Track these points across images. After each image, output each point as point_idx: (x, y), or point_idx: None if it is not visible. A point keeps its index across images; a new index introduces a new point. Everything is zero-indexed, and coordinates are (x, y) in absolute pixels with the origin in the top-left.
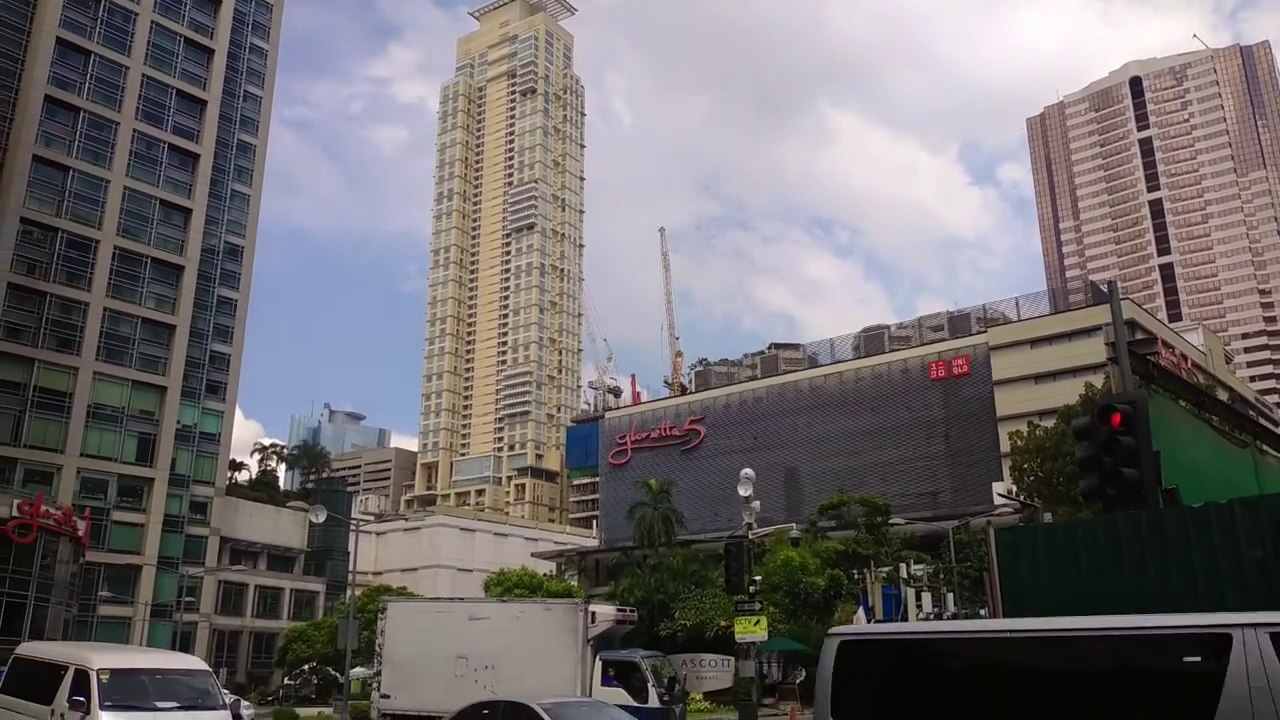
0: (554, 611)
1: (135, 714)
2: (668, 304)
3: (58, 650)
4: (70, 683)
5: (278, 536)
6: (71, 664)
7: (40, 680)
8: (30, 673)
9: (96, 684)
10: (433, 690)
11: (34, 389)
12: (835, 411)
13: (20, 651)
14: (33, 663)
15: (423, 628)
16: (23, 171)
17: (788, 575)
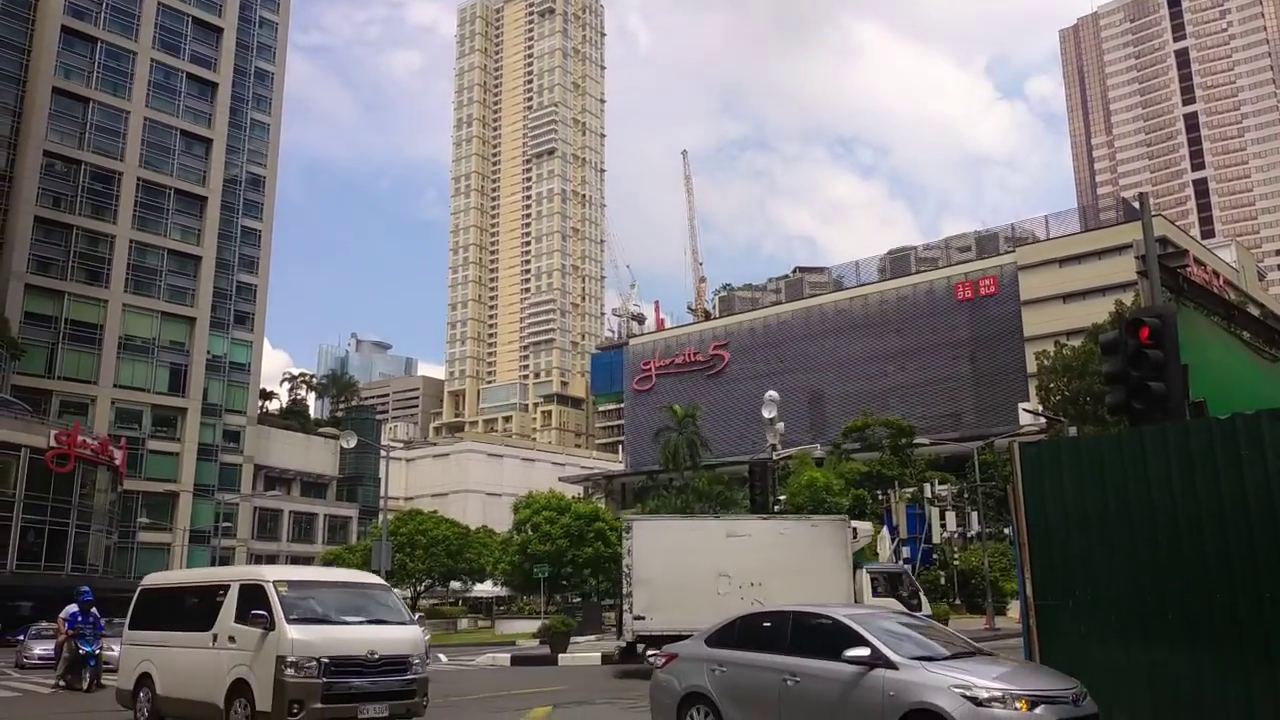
0: (820, 528)
1: (324, 628)
2: (691, 229)
3: (204, 573)
4: (236, 601)
5: (310, 464)
6: (235, 581)
7: (187, 607)
8: (171, 601)
9: (276, 597)
10: (693, 610)
11: (65, 322)
12: (860, 334)
13: (150, 582)
14: (171, 590)
15: (675, 546)
16: (43, 104)
17: (812, 496)
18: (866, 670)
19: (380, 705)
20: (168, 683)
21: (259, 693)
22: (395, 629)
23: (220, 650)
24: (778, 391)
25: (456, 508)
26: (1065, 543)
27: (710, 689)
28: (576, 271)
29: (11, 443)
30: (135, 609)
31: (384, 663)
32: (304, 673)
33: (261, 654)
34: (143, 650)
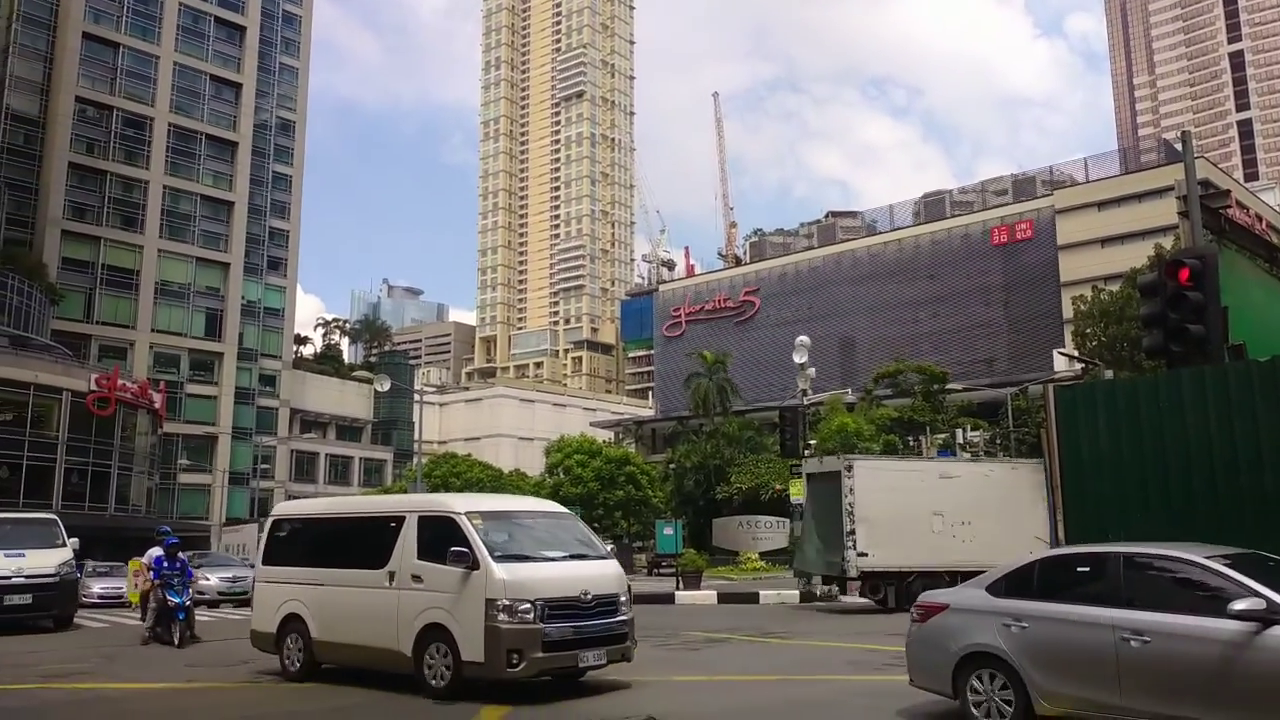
0: (1020, 470)
1: (533, 566)
2: (721, 173)
3: (363, 503)
4: (416, 534)
5: (344, 408)
6: (410, 511)
7: (347, 540)
8: (321, 534)
9: (474, 531)
10: (911, 547)
11: (102, 267)
12: (893, 280)
13: (285, 512)
14: (319, 521)
15: (893, 486)
16: (73, 50)
17: (842, 441)
18: (1261, 628)
19: (598, 651)
20: (328, 626)
21: (464, 641)
22: (601, 565)
23: (401, 591)
24: (808, 337)
25: (489, 452)
26: (1099, 486)
27: (1005, 648)
28: (606, 217)
29: (53, 386)
30: (269, 542)
31: (597, 604)
32: (519, 618)
33: (464, 597)
34: (286, 589)
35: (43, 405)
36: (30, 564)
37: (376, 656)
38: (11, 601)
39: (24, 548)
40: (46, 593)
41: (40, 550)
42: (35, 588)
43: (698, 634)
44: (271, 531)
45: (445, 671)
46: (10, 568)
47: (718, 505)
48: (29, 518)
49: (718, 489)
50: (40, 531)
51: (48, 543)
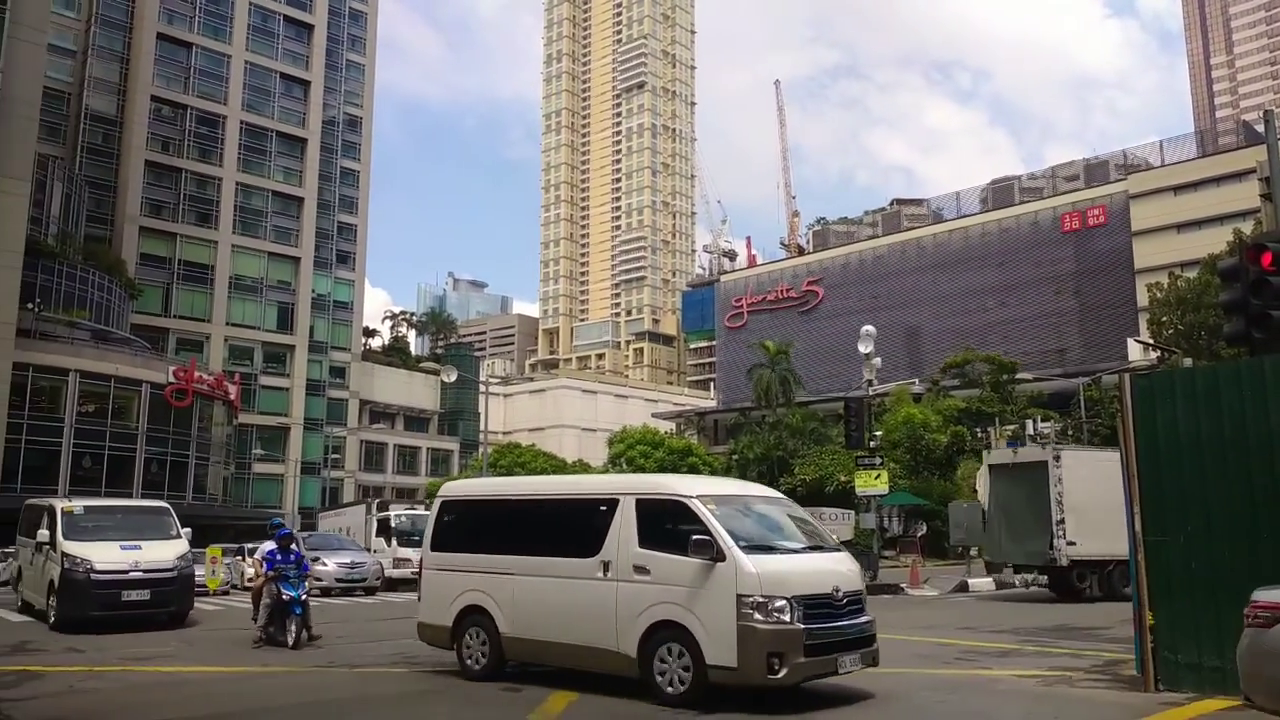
0: None
1: (782, 559)
2: (784, 162)
3: (558, 483)
4: (636, 520)
5: (412, 399)
6: (625, 494)
7: (544, 525)
8: (506, 517)
9: (712, 517)
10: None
11: (179, 262)
12: (960, 268)
13: (457, 493)
14: (503, 503)
15: (1098, 475)
16: (149, 50)
17: (909, 432)
18: None
19: (854, 656)
20: (521, 620)
21: (708, 642)
22: (841, 558)
23: (620, 583)
24: (874, 327)
25: (552, 442)
26: (1178, 476)
27: None
28: (667, 208)
29: (133, 378)
30: (439, 525)
31: (848, 602)
32: (776, 617)
33: (707, 592)
34: (464, 577)
35: (123, 397)
36: (147, 557)
37: (585, 656)
38: (129, 597)
39: (140, 539)
40: (165, 588)
41: (156, 541)
42: (153, 582)
43: None
44: (441, 514)
45: (683, 674)
46: (127, 561)
47: None
48: (142, 505)
49: (781, 481)
50: (154, 521)
51: (162, 533)
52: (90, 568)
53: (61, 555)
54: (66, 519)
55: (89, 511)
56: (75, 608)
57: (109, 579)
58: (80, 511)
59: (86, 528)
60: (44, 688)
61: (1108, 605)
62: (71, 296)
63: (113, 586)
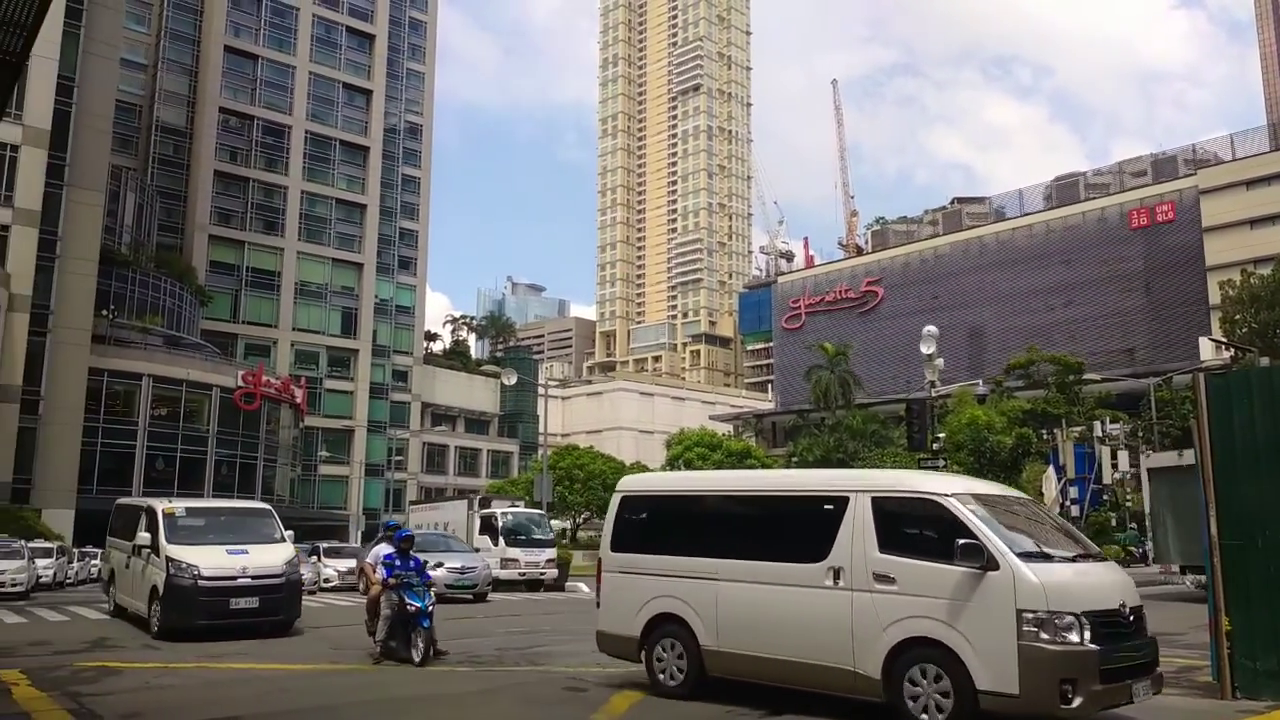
0: None
1: (1053, 567)
2: (841, 162)
3: (773, 478)
4: (872, 521)
5: (472, 401)
6: (857, 490)
7: (754, 524)
8: (702, 515)
9: (975, 518)
10: None
11: (247, 269)
12: (1024, 267)
13: (641, 487)
14: (699, 499)
15: None
16: (216, 62)
17: (973, 434)
18: None
19: (1145, 683)
20: (727, 632)
21: (978, 664)
22: (1113, 568)
23: (855, 593)
24: (936, 327)
25: (610, 444)
26: (1255, 478)
27: None
28: (723, 209)
29: (204, 382)
30: (620, 523)
31: (1134, 619)
32: (1063, 637)
33: (976, 605)
34: (653, 582)
35: (194, 401)
36: (255, 562)
37: (811, 674)
38: (238, 605)
39: (245, 542)
40: (273, 595)
41: (263, 546)
42: (262, 589)
43: None
44: (622, 511)
45: (941, 700)
46: (235, 566)
47: None
48: (244, 507)
49: None
50: (257, 523)
51: (267, 536)
52: (197, 574)
53: (165, 560)
54: (168, 521)
55: (191, 513)
56: (181, 616)
57: (216, 586)
58: (182, 513)
59: (188, 530)
60: (122, 684)
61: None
62: (144, 303)
63: (220, 594)
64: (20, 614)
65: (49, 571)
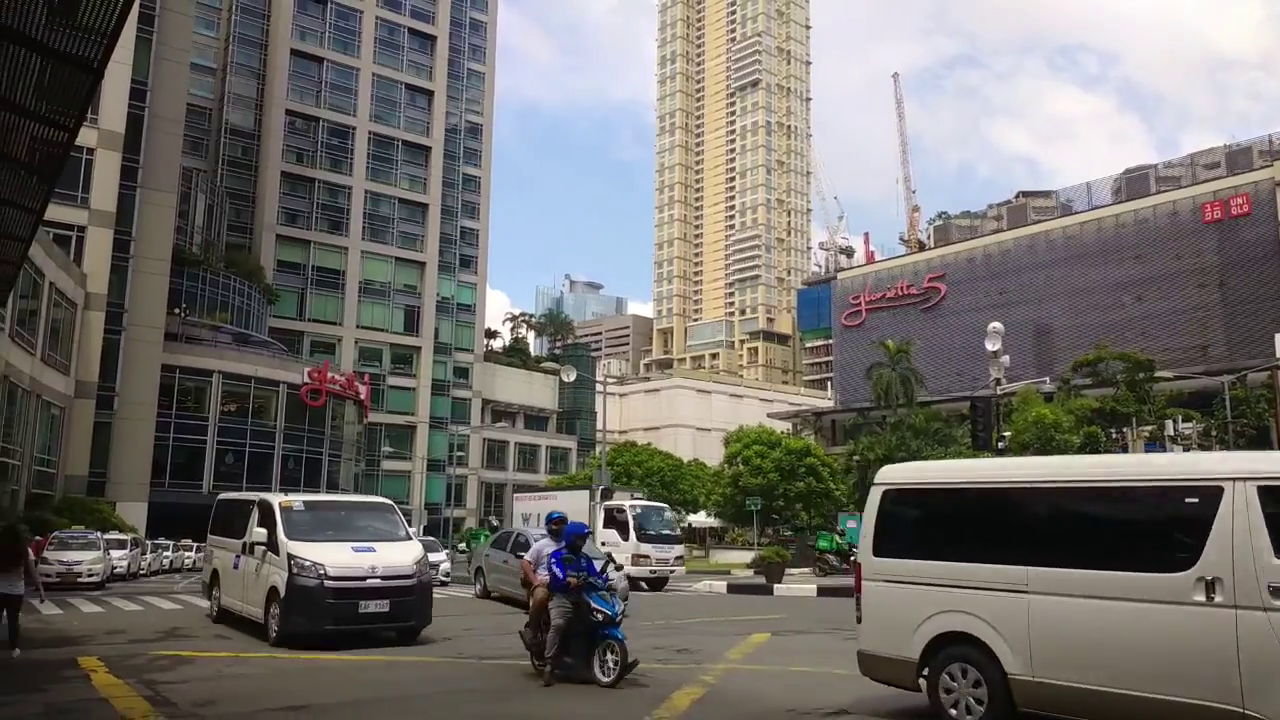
0: None
1: None
2: (903, 155)
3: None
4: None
5: (531, 398)
6: (1240, 478)
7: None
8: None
9: None
10: None
11: (312, 268)
12: (1092, 262)
13: (908, 478)
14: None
15: None
16: (283, 66)
17: (1039, 433)
18: None
19: None
20: (1049, 658)
21: None
22: None
23: (1243, 611)
24: (1001, 324)
25: (668, 441)
26: None
27: None
28: (782, 205)
29: (271, 379)
30: (884, 521)
31: None
32: None
33: None
34: (936, 594)
35: (262, 397)
36: (385, 561)
37: (1170, 714)
38: (367, 609)
39: (371, 540)
40: (405, 598)
41: (390, 543)
42: (393, 591)
43: None
44: (889, 507)
45: None
46: (363, 566)
47: None
48: (365, 501)
49: None
50: (380, 519)
51: (391, 534)
52: (323, 573)
53: (286, 558)
54: (286, 515)
55: (309, 507)
56: (305, 621)
57: (345, 587)
58: (300, 507)
59: (307, 526)
60: (195, 672)
61: None
62: (214, 302)
63: (349, 596)
64: (97, 603)
65: (123, 562)
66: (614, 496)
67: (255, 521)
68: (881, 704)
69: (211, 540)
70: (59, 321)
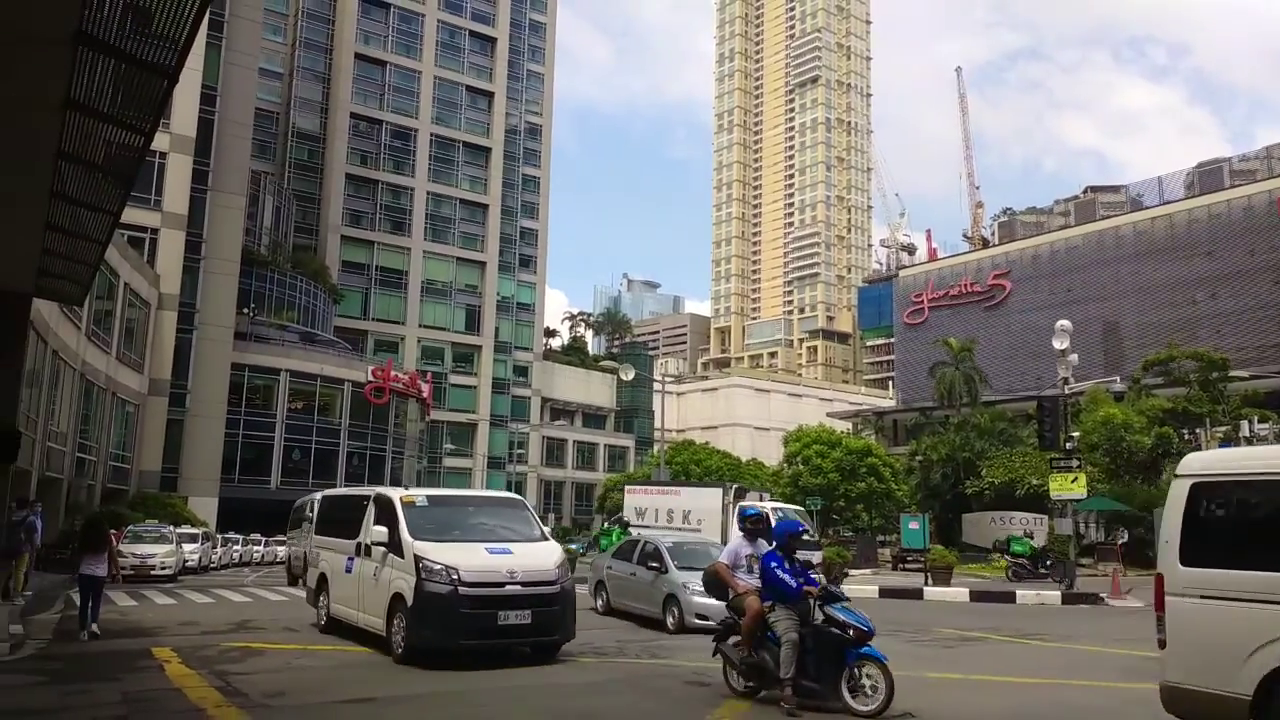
0: None
1: None
2: (966, 151)
3: None
4: None
5: (590, 397)
6: None
7: None
8: None
9: None
10: None
11: (376, 268)
12: (1163, 258)
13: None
14: None
15: None
16: (347, 70)
17: (1108, 433)
18: None
19: None
20: None
21: None
22: None
23: None
24: (1069, 322)
25: (725, 440)
26: None
27: None
28: (842, 202)
29: (336, 377)
30: (1193, 524)
31: None
32: None
33: None
34: (1274, 615)
35: (327, 395)
36: (524, 564)
37: None
38: (507, 621)
39: (504, 540)
40: (548, 608)
41: (526, 544)
42: (535, 600)
43: (950, 631)
44: (1200, 505)
45: None
46: (501, 569)
47: (967, 500)
48: (493, 496)
49: (967, 483)
50: (512, 516)
51: (526, 533)
52: (457, 579)
53: (414, 560)
54: (410, 512)
55: (433, 503)
56: (437, 634)
57: (482, 595)
58: (423, 502)
59: (433, 525)
60: (264, 664)
61: None
62: (281, 301)
63: (487, 605)
64: (169, 595)
65: (194, 556)
66: (746, 495)
67: (371, 519)
68: (942, 714)
69: (317, 541)
70: (133, 321)
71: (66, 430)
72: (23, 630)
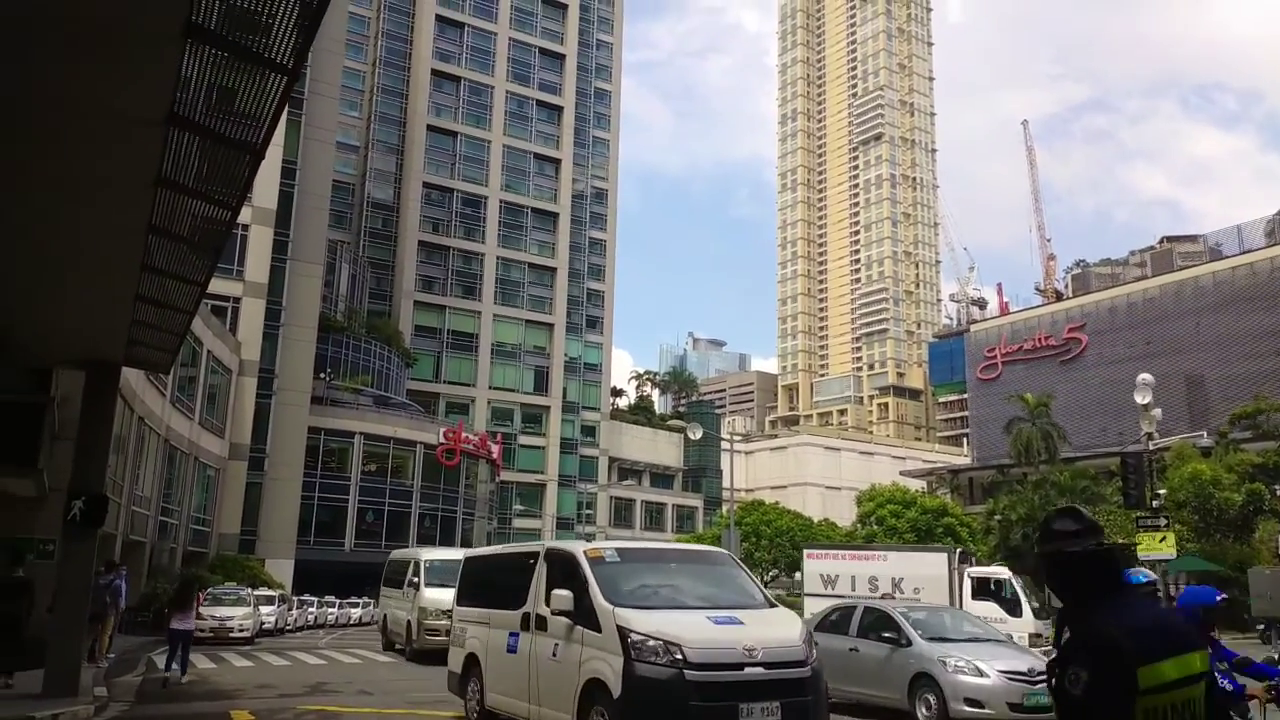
0: None
1: None
2: (1035, 203)
3: None
4: None
5: (657, 456)
6: None
7: None
8: None
9: None
10: None
11: (448, 332)
12: (1246, 308)
13: None
14: None
15: None
16: (420, 141)
17: (1196, 490)
18: None
19: None
20: None
21: None
22: None
23: None
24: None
25: (795, 500)
26: None
27: None
28: (909, 258)
29: (409, 440)
30: None
31: None
32: None
33: None
34: None
35: (400, 457)
36: (763, 638)
37: None
38: (751, 716)
39: (730, 607)
40: (800, 698)
41: (754, 611)
42: (784, 687)
43: None
44: None
45: None
46: (737, 645)
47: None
48: (694, 550)
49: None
50: (723, 576)
51: (747, 597)
52: (680, 659)
53: (618, 633)
54: (599, 571)
55: (626, 558)
56: None
57: (715, 680)
58: (614, 558)
59: (632, 589)
60: None
61: None
62: (356, 365)
63: (722, 695)
64: (247, 658)
65: (271, 618)
66: (971, 560)
67: (543, 581)
68: None
69: (460, 614)
70: (215, 387)
71: (150, 494)
72: (106, 692)
